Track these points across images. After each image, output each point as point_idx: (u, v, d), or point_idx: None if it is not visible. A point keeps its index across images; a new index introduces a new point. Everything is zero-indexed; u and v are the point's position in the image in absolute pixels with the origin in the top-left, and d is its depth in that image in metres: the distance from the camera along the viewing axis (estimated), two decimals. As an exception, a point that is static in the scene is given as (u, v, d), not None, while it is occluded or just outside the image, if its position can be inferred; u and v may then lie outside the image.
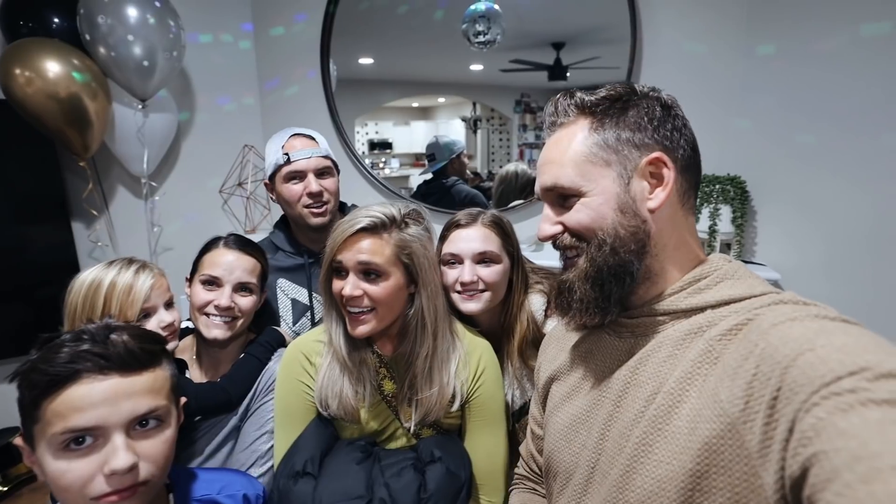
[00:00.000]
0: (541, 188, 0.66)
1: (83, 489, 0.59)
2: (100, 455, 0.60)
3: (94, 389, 0.60)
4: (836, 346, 0.43)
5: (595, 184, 0.61)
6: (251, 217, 2.23)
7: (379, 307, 0.88)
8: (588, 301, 0.62)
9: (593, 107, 0.64)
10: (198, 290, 1.03)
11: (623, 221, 0.60)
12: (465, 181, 2.13)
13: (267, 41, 2.24)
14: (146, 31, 1.70)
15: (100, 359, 0.61)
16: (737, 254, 1.63)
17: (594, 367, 0.68)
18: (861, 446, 0.35)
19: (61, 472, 0.59)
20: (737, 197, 1.61)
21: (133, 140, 1.87)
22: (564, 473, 0.67)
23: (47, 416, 0.59)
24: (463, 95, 2.12)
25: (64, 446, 0.59)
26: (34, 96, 1.61)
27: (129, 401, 0.62)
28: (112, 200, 2.04)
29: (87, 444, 0.60)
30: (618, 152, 0.61)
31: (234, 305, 1.03)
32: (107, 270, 0.98)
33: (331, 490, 0.79)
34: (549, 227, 0.66)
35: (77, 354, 0.61)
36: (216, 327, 1.02)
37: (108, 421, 0.60)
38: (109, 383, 0.61)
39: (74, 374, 0.60)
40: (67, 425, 0.58)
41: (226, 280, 1.03)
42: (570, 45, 1.85)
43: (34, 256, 1.84)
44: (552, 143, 0.66)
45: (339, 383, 0.89)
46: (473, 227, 1.03)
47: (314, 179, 1.24)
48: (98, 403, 0.60)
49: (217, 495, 0.80)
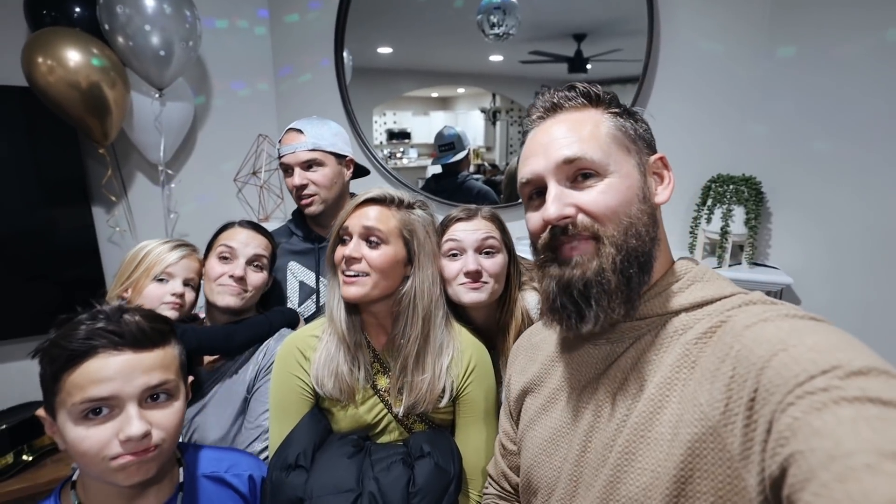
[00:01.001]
0: (555, 162, 0.59)
1: (101, 453, 0.64)
2: (115, 423, 0.65)
3: (109, 363, 0.66)
4: (808, 345, 0.43)
5: (620, 165, 0.59)
6: (264, 205, 2.27)
7: (373, 272, 0.91)
8: (616, 294, 0.57)
9: (605, 99, 0.63)
10: (213, 264, 1.12)
11: (645, 209, 0.59)
12: (476, 175, 2.11)
13: (282, 27, 2.24)
14: (163, 21, 1.72)
15: (114, 336, 0.67)
16: (749, 256, 1.60)
17: (570, 377, 0.67)
18: (835, 445, 0.35)
19: (81, 438, 0.64)
20: (751, 198, 1.56)
21: (150, 128, 1.91)
22: (546, 489, 0.67)
23: (67, 387, 0.64)
24: (482, 86, 2.09)
25: (83, 415, 0.65)
26: (56, 85, 1.65)
27: (142, 375, 0.67)
28: (130, 187, 2.10)
29: (103, 414, 0.65)
30: (635, 142, 0.62)
31: (246, 276, 1.11)
32: (156, 241, 1.14)
33: (321, 483, 0.81)
34: (560, 207, 0.59)
35: (94, 332, 0.66)
36: (229, 294, 1.09)
37: (123, 392, 0.66)
38: (123, 358, 0.67)
39: (91, 349, 0.65)
40: (86, 395, 0.64)
41: (240, 252, 1.12)
42: (591, 36, 1.80)
43: (58, 240, 1.91)
44: (561, 121, 0.62)
45: (336, 361, 0.92)
46: (474, 220, 1.04)
47: (299, 172, 1.32)
48: (113, 376, 0.65)
49: (224, 473, 0.85)
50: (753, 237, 1.57)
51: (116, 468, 0.65)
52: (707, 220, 1.64)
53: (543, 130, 0.63)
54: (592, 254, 0.58)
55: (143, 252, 1.11)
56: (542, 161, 0.61)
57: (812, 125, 1.51)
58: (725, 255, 1.60)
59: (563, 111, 0.63)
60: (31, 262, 1.86)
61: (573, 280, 0.58)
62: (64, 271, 1.91)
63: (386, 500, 0.81)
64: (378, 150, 2.20)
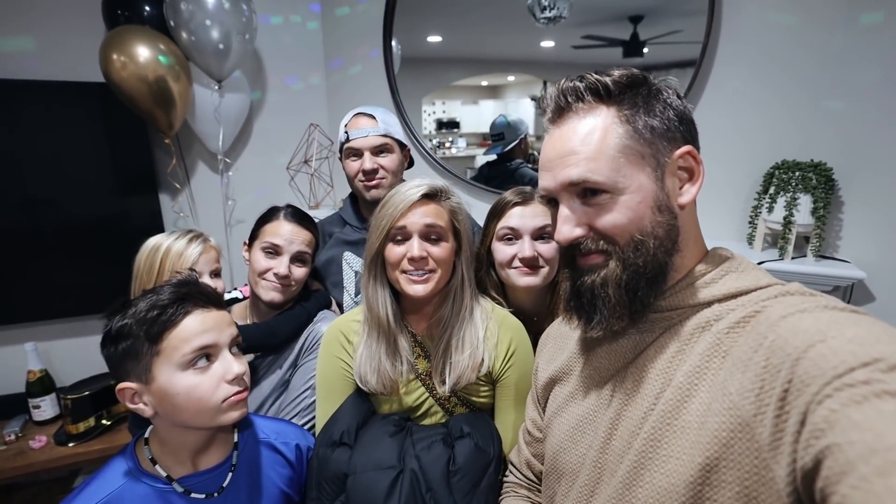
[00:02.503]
0: (561, 183, 0.59)
1: (214, 395, 0.74)
2: (218, 367, 0.76)
3: (207, 318, 0.76)
4: (848, 337, 0.42)
5: (631, 180, 0.56)
6: (315, 193, 2.35)
7: (439, 268, 0.92)
8: (618, 307, 0.58)
9: (617, 93, 0.58)
10: (259, 257, 1.14)
11: (660, 220, 0.57)
12: (529, 164, 2.09)
13: (333, 21, 2.30)
14: (222, 16, 1.81)
15: (202, 297, 0.77)
16: (816, 248, 1.49)
17: (598, 366, 0.66)
18: (877, 438, 0.35)
19: (194, 384, 0.73)
20: (819, 185, 1.45)
21: (210, 119, 2.02)
22: (571, 474, 0.67)
23: (172, 343, 0.73)
24: (533, 73, 2.03)
25: (192, 364, 0.73)
26: (128, 79, 1.78)
27: (228, 328, 0.79)
28: (193, 175, 2.23)
29: (205, 363, 0.74)
30: (651, 145, 0.57)
31: (290, 274, 1.13)
32: (167, 238, 1.16)
33: (364, 459, 0.85)
34: (572, 229, 0.59)
35: (184, 295, 0.75)
36: (274, 290, 1.13)
37: (220, 340, 0.76)
38: (213, 314, 0.78)
39: (188, 308, 0.75)
40: (194, 345, 0.73)
41: (285, 250, 1.13)
42: (648, 18, 1.70)
43: (128, 225, 2.06)
44: (568, 132, 0.59)
45: (377, 358, 0.94)
46: (530, 205, 1.04)
47: (369, 157, 1.32)
48: (211, 328, 0.76)
49: (274, 440, 0.91)
50: (821, 228, 1.46)
51: (226, 409, 0.75)
52: (769, 209, 1.54)
53: (552, 142, 0.61)
54: (601, 267, 0.59)
55: (162, 251, 1.14)
56: (550, 180, 0.60)
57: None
58: (788, 247, 1.50)
59: (571, 116, 0.59)
60: (107, 247, 2.02)
61: (582, 288, 0.60)
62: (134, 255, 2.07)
63: (427, 477, 0.83)
64: (426, 139, 2.21)
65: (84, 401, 1.83)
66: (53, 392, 1.95)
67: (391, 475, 0.82)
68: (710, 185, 1.05)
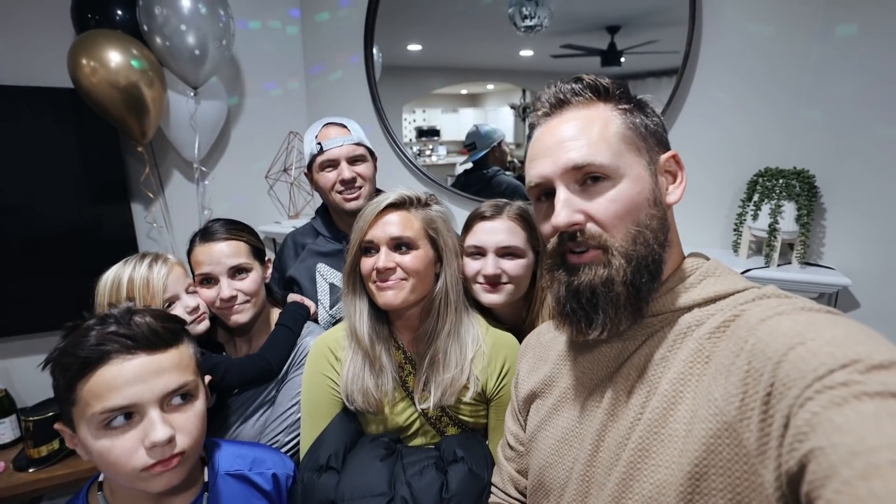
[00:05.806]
0: (563, 167, 0.58)
1: (128, 463, 0.62)
2: (139, 430, 0.63)
3: (124, 368, 0.63)
4: (826, 338, 0.42)
5: (631, 168, 0.57)
6: (295, 202, 2.29)
7: (411, 277, 0.88)
8: (622, 304, 0.57)
9: (614, 92, 0.60)
10: (202, 291, 1.06)
11: (654, 213, 0.58)
12: (507, 171, 2.08)
13: (313, 26, 2.26)
14: (198, 21, 1.75)
15: (126, 339, 0.64)
16: (801, 255, 1.50)
17: (581, 377, 0.65)
18: (858, 441, 0.35)
19: (106, 449, 0.62)
20: (803, 193, 1.47)
21: (186, 126, 1.95)
22: (558, 490, 0.65)
23: (84, 397, 0.62)
24: (512, 82, 2.05)
25: (104, 425, 0.62)
26: (98, 85, 1.70)
27: (160, 377, 0.65)
28: (167, 184, 2.15)
29: (125, 422, 0.63)
30: (646, 140, 0.59)
31: (237, 292, 1.05)
32: (124, 268, 1.01)
33: (353, 486, 0.80)
34: (570, 214, 0.57)
35: (105, 336, 0.63)
36: (234, 313, 1.05)
37: (143, 398, 0.63)
38: (138, 361, 0.64)
39: (104, 354, 0.63)
40: (105, 405, 0.61)
41: (217, 273, 1.04)
42: (625, 28, 1.72)
43: (99, 235, 1.97)
44: (568, 119, 0.59)
45: (362, 377, 0.91)
46: (499, 220, 1.01)
47: (346, 166, 1.29)
48: (131, 381, 0.62)
49: (248, 472, 0.83)
50: (806, 235, 1.48)
51: (146, 477, 0.63)
52: (753, 216, 1.55)
53: (549, 130, 0.61)
54: (600, 263, 0.57)
55: (125, 285, 0.99)
56: (549, 164, 0.59)
57: (874, 107, 1.40)
58: (774, 254, 1.51)
59: (570, 108, 0.60)
60: (76, 258, 1.92)
61: (581, 287, 0.58)
62: (105, 266, 1.97)
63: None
64: (407, 147, 2.18)
65: (47, 423, 1.71)
66: (14, 413, 1.83)
67: (381, 503, 0.78)
68: (695, 193, 1.05)
